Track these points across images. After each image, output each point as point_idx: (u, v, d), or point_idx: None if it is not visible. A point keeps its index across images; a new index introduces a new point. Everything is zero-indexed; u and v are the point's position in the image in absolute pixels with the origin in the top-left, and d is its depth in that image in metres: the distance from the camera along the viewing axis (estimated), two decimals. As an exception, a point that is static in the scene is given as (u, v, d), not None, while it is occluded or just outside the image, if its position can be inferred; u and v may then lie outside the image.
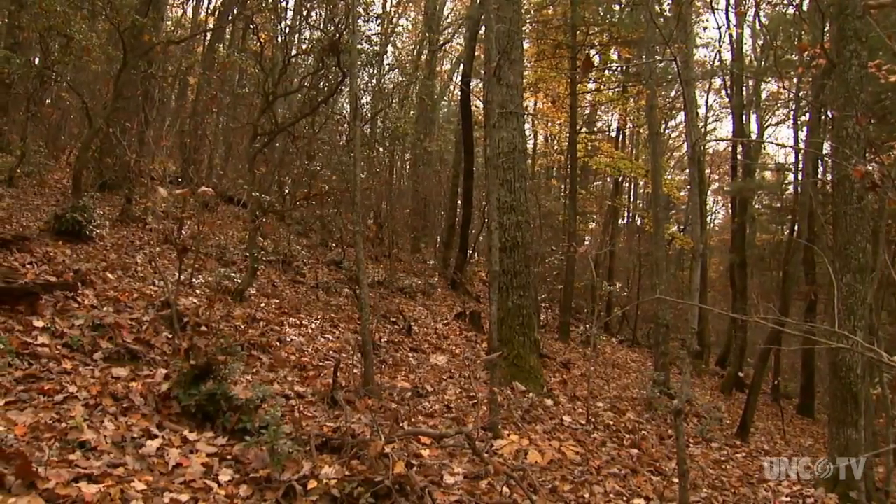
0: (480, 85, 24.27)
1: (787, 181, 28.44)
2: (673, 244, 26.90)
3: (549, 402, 9.75)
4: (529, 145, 29.25)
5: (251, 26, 15.96)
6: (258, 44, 14.65)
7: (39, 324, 5.96)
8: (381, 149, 23.55)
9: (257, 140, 12.46)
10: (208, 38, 21.44)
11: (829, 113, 16.38)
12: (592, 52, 23.55)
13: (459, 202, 22.24)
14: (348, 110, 14.21)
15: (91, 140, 12.42)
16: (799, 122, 23.78)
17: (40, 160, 14.36)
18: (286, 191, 15.28)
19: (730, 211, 33.44)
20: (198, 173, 16.84)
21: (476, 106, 23.78)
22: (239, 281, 10.82)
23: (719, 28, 23.84)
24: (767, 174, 31.63)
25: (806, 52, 11.81)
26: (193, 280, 10.38)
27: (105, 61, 14.70)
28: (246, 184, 13.40)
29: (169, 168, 17.60)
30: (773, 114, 30.36)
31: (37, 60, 16.29)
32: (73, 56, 13.34)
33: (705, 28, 26.53)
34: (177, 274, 8.38)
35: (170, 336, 6.77)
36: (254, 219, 11.56)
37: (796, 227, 22.24)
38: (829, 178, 15.73)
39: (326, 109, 15.52)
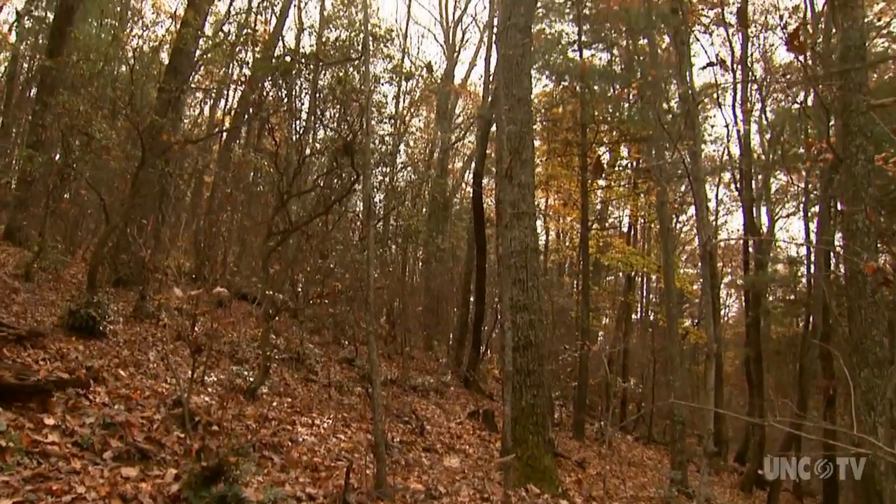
0: (492, 183, 24.58)
1: (799, 274, 28.42)
2: (687, 339, 26.71)
3: (564, 503, 9.54)
4: (541, 241, 29.41)
5: (266, 126, 16.30)
6: (273, 143, 14.93)
7: (50, 421, 5.93)
8: (393, 247, 23.72)
9: (271, 238, 12.57)
10: (224, 137, 21.92)
11: (838, 205, 16.47)
12: (602, 149, 23.89)
13: (472, 299, 22.25)
14: (361, 209, 14.39)
15: (108, 237, 12.57)
16: (809, 215, 23.87)
17: (57, 256, 14.50)
18: (299, 289, 15.33)
19: (743, 304, 33.30)
20: (212, 270, 16.95)
21: (488, 204, 24.05)
22: (251, 379, 10.77)
23: (727, 125, 24.20)
24: (780, 267, 31.62)
25: (812, 148, 11.95)
26: (206, 378, 10.34)
27: (123, 159, 15.02)
28: (259, 282, 13.46)
29: (183, 265, 17.77)
30: (783, 206, 30.57)
31: (57, 157, 16.66)
32: (93, 154, 13.63)
33: (713, 126, 26.85)
34: (189, 372, 8.36)
35: (181, 435, 6.71)
36: (267, 317, 11.57)
37: (811, 321, 22.09)
38: (842, 271, 15.73)
39: (340, 208, 15.69)
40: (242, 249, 21.79)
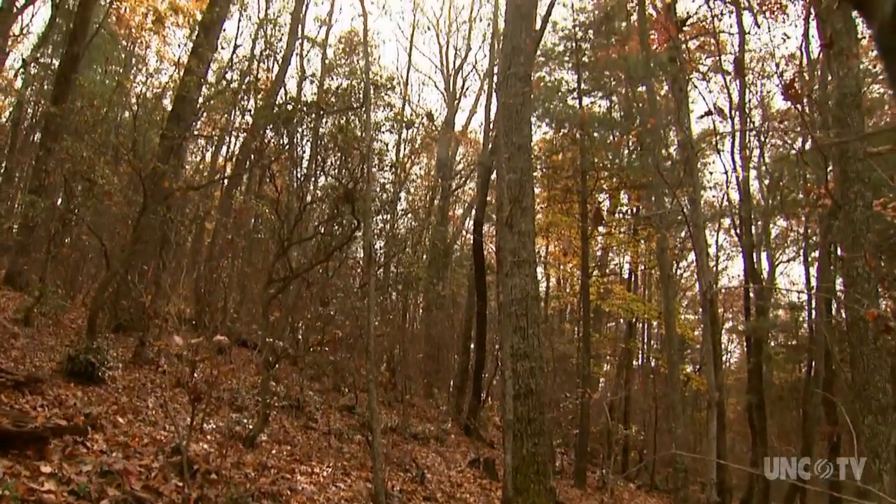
0: (493, 230, 24.63)
1: (801, 319, 28.34)
2: (689, 385, 26.57)
3: (566, 552, 9.41)
4: (542, 288, 29.38)
5: (268, 173, 16.40)
6: (274, 190, 15.00)
7: (47, 469, 5.87)
8: (394, 294, 23.70)
9: (272, 285, 12.57)
10: (226, 183, 22.03)
11: (839, 251, 16.47)
12: (602, 196, 23.99)
13: (473, 346, 22.17)
14: (362, 256, 14.41)
15: (108, 283, 12.57)
16: (810, 260, 23.89)
17: (57, 301, 14.49)
18: (300, 336, 15.29)
19: (745, 350, 33.17)
20: (212, 317, 16.91)
21: (489, 251, 24.08)
22: (251, 427, 10.69)
23: (726, 172, 24.33)
24: (781, 312, 31.56)
25: (811, 194, 11.99)
26: (205, 425, 10.25)
27: (125, 205, 15.09)
28: (260, 328, 13.43)
29: (184, 311, 17.74)
30: (783, 252, 30.60)
31: (59, 201, 16.73)
32: (95, 199, 13.69)
33: (712, 173, 27.00)
34: (188, 419, 8.30)
35: (179, 484, 6.63)
36: (267, 364, 11.52)
37: (813, 366, 22.00)
38: (843, 317, 15.70)
39: (340, 255, 15.72)
40: (243, 296, 21.78)
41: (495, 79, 16.47)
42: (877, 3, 0.81)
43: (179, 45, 24.70)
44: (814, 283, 22.59)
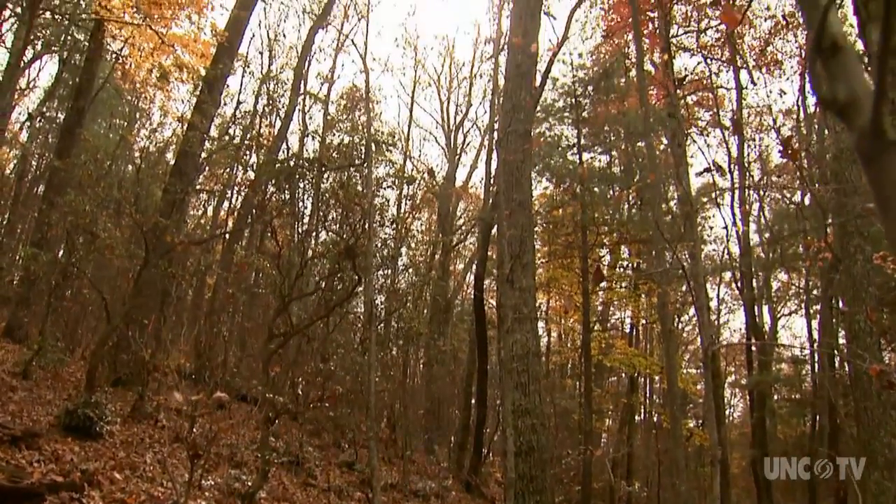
0: (493, 285, 24.63)
1: (804, 373, 28.18)
2: (692, 440, 26.33)
3: None
4: (543, 342, 29.30)
5: (269, 228, 16.48)
6: (276, 245, 15.06)
7: (43, 529, 5.82)
8: (394, 349, 23.63)
9: (272, 341, 12.55)
10: (227, 238, 22.11)
11: (840, 303, 16.44)
12: (603, 251, 24.03)
13: (474, 402, 22.04)
14: (363, 311, 14.41)
15: (108, 336, 12.56)
16: (812, 312, 23.83)
17: (57, 355, 14.46)
18: (300, 391, 15.22)
19: (748, 404, 32.90)
20: (212, 372, 16.85)
21: (489, 306, 24.06)
22: (249, 483, 10.59)
23: (726, 227, 24.40)
24: (784, 366, 31.37)
25: (811, 248, 12.02)
26: (203, 481, 10.17)
27: (127, 258, 15.13)
28: (260, 384, 13.38)
29: (184, 365, 17.68)
30: (784, 305, 30.52)
31: (60, 253, 16.79)
32: (97, 253, 13.74)
33: (711, 228, 27.08)
34: (187, 475, 8.23)
35: (177, 545, 6.57)
36: (267, 420, 11.45)
37: (818, 421, 21.83)
38: (847, 370, 15.62)
39: (341, 310, 15.72)
40: (243, 351, 21.72)
41: (496, 135, 16.63)
42: (856, 112, 0.84)
43: (183, 101, 25.00)
44: (816, 336, 22.52)
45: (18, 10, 19.51)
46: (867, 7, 2.47)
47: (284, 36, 29.73)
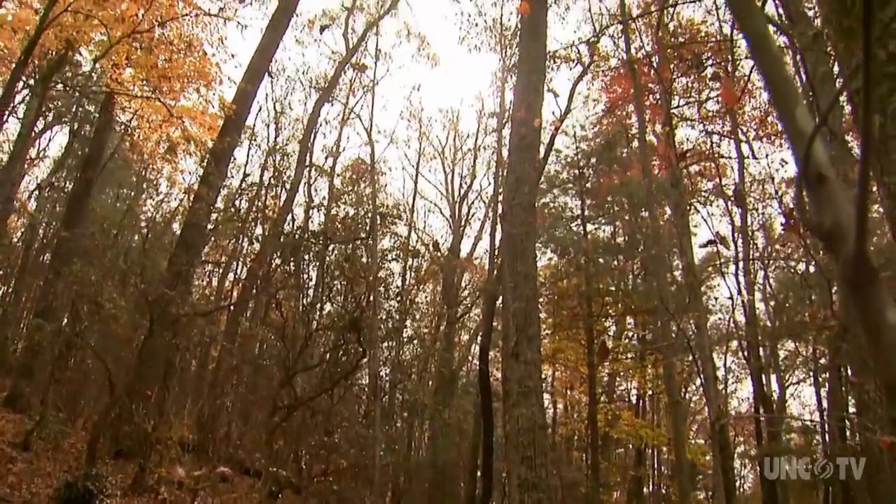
0: (499, 356, 24.52)
1: (815, 443, 27.80)
2: (702, 513, 25.92)
3: None
4: (549, 414, 29.03)
5: (274, 300, 16.50)
6: (280, 317, 15.06)
7: None
8: (399, 422, 23.44)
9: (276, 413, 12.48)
10: (232, 309, 22.10)
11: (850, 371, 16.30)
12: (608, 322, 23.95)
13: (479, 475, 21.74)
14: (367, 383, 14.36)
15: (111, 408, 12.49)
16: (820, 381, 23.63)
17: (58, 426, 14.36)
18: (303, 464, 15.07)
19: (759, 474, 32.38)
20: (215, 444, 16.70)
21: (495, 378, 23.91)
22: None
23: (731, 297, 24.31)
24: (794, 436, 30.96)
25: (817, 317, 11.99)
26: (204, 561, 10.02)
27: (131, 328, 15.12)
28: (263, 457, 13.26)
29: (186, 437, 17.53)
30: (792, 374, 30.27)
31: (65, 322, 16.79)
32: (101, 323, 13.75)
33: (716, 298, 27.02)
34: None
35: None
36: (270, 494, 11.33)
37: (830, 492, 21.47)
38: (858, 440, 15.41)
39: (345, 382, 15.65)
40: (246, 423, 21.55)
41: (500, 208, 16.75)
42: (841, 241, 0.86)
43: (190, 173, 25.26)
44: (826, 405, 22.30)
45: (31, 82, 19.90)
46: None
47: (291, 108, 30.11)
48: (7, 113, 18.15)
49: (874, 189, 2.59)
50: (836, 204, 0.87)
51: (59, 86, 20.90)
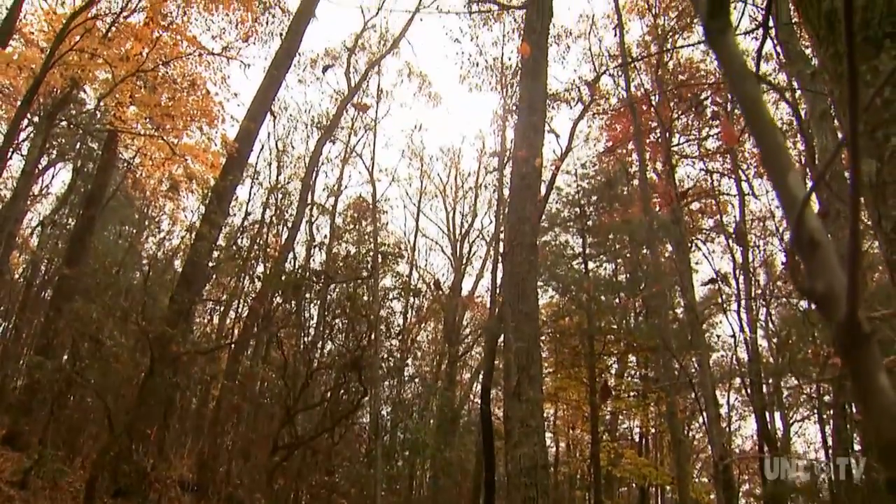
0: (500, 394, 24.42)
1: (821, 480, 27.55)
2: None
3: None
4: (551, 452, 28.82)
5: (275, 339, 16.48)
6: (281, 355, 15.03)
7: None
8: (400, 461, 23.28)
9: (277, 452, 12.42)
10: (232, 347, 22.04)
11: (854, 408, 16.19)
12: (610, 360, 23.87)
13: (481, 515, 21.57)
14: (369, 422, 14.31)
15: (110, 446, 12.44)
16: (825, 418, 23.49)
17: (56, 465, 14.26)
18: (304, 505, 14.97)
19: (764, 513, 32.03)
20: (215, 483, 16.59)
21: (497, 417, 23.78)
22: None
23: (734, 335, 24.25)
24: (799, 474, 30.65)
25: (819, 355, 11.95)
26: None
27: (132, 366, 15.09)
28: (263, 497, 13.18)
29: (186, 476, 17.42)
30: (796, 411, 30.07)
31: (65, 358, 16.74)
32: (102, 361, 13.72)
33: (719, 336, 26.94)
34: None
35: None
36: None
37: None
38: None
39: (346, 421, 15.58)
40: (247, 462, 21.41)
41: (501, 247, 16.79)
42: (833, 306, 0.87)
43: (192, 211, 25.34)
44: (831, 442, 22.15)
45: (36, 119, 20.06)
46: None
47: (293, 147, 30.27)
48: (11, 150, 18.27)
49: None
50: (828, 269, 0.89)
51: (63, 123, 21.09)
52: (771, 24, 9.03)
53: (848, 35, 0.93)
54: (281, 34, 22.44)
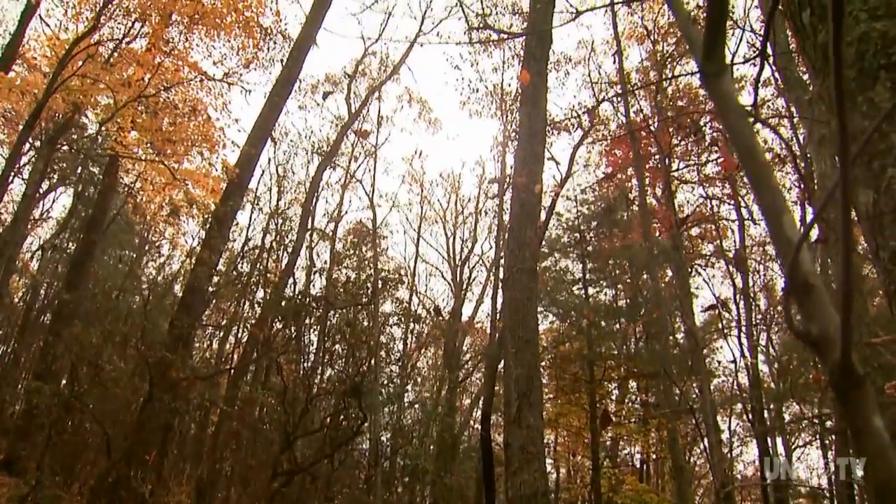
0: (500, 420, 24.33)
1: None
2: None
3: None
4: (551, 479, 28.68)
5: (274, 365, 16.44)
6: (281, 380, 14.99)
7: None
8: (400, 487, 23.15)
9: (276, 479, 12.37)
10: (232, 372, 21.97)
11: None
12: (611, 386, 23.80)
13: (481, 543, 21.43)
14: (368, 448, 14.27)
15: (108, 473, 12.38)
16: (827, 443, 23.40)
17: (53, 491, 14.18)
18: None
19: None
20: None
21: (497, 444, 23.68)
22: None
23: (734, 360, 24.19)
24: (802, 501, 30.49)
25: (821, 380, 11.88)
26: None
27: (130, 392, 15.04)
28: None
29: (184, 502, 17.33)
30: (798, 436, 29.93)
31: (63, 382, 16.70)
32: (101, 386, 13.69)
33: (720, 362, 26.88)
34: None
35: None
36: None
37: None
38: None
39: (346, 447, 15.52)
40: (245, 489, 21.28)
41: (501, 272, 16.79)
42: (828, 348, 0.88)
43: (193, 236, 25.37)
44: (833, 468, 22.02)
45: (38, 143, 20.14)
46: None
47: (293, 172, 30.34)
48: (12, 174, 18.33)
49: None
50: (822, 312, 0.90)
51: (65, 148, 21.16)
52: (770, 50, 9.10)
53: (838, 87, 0.95)
54: (282, 60, 22.56)
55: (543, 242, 19.62)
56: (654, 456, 29.94)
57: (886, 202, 2.47)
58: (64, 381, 17.00)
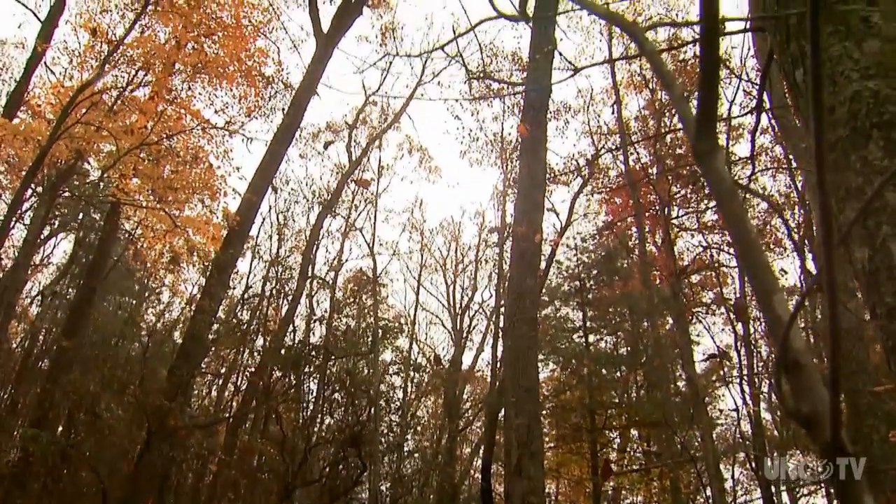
0: (501, 469, 24.10)
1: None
2: None
3: None
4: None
5: (273, 413, 16.34)
6: (280, 429, 14.89)
7: None
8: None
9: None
10: (231, 420, 21.82)
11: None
12: (613, 434, 23.64)
13: None
14: (368, 498, 14.14)
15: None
16: (832, 492, 23.09)
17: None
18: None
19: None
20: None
21: (498, 494, 23.43)
22: None
23: (737, 408, 24.01)
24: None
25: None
26: None
27: (128, 439, 14.93)
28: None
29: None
30: (804, 483, 29.57)
31: (60, 430, 16.57)
32: (98, 433, 13.59)
33: (721, 410, 26.71)
34: None
35: None
36: None
37: None
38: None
39: (346, 498, 15.37)
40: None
41: (501, 320, 16.77)
42: (818, 426, 0.90)
43: (193, 283, 25.36)
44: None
45: (40, 189, 20.22)
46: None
47: (294, 220, 30.39)
48: (14, 220, 18.37)
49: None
50: (812, 391, 0.92)
51: (66, 194, 21.24)
52: (767, 98, 9.19)
53: (818, 149, 0.97)
54: (283, 109, 22.73)
55: (543, 290, 19.63)
56: (656, 505, 29.63)
57: (882, 259, 2.50)
58: (61, 429, 16.89)
